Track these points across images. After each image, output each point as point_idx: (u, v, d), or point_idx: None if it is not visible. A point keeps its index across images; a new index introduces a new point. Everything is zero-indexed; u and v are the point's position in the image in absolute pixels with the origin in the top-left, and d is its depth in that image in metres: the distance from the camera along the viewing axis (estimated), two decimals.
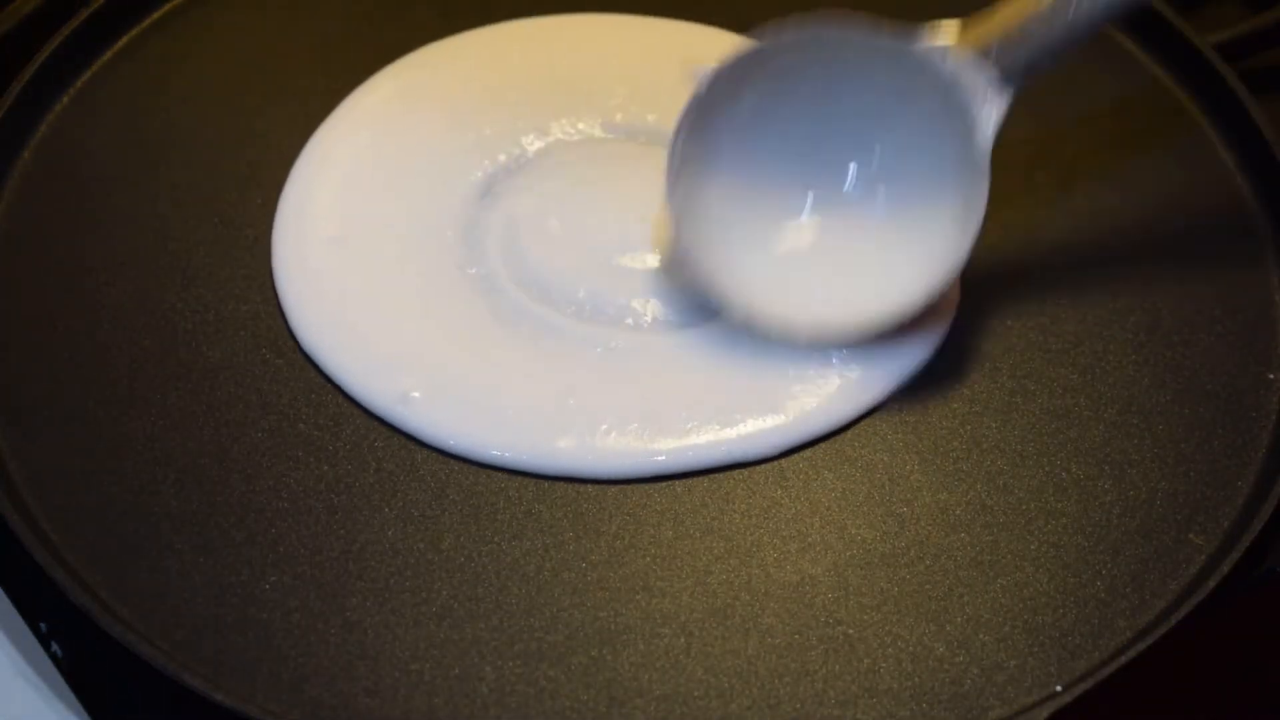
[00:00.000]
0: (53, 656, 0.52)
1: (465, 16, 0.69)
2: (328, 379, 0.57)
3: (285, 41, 0.68)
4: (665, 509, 0.54)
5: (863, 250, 0.58)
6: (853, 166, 0.58)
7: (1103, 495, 0.55)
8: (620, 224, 0.61)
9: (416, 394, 0.56)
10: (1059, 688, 0.50)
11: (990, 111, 0.55)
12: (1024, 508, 0.55)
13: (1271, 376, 0.58)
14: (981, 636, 0.51)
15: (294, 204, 0.62)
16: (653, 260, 0.60)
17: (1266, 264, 0.62)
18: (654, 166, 0.58)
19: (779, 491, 0.55)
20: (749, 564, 0.53)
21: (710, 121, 0.57)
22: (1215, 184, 0.65)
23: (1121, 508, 0.55)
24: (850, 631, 0.51)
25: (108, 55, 0.67)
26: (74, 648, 0.52)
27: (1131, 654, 0.50)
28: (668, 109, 0.58)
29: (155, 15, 0.68)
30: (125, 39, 0.67)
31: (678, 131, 0.57)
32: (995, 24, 0.55)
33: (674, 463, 0.55)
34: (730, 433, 0.55)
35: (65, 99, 0.65)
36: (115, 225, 0.61)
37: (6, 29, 0.67)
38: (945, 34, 0.56)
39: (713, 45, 0.59)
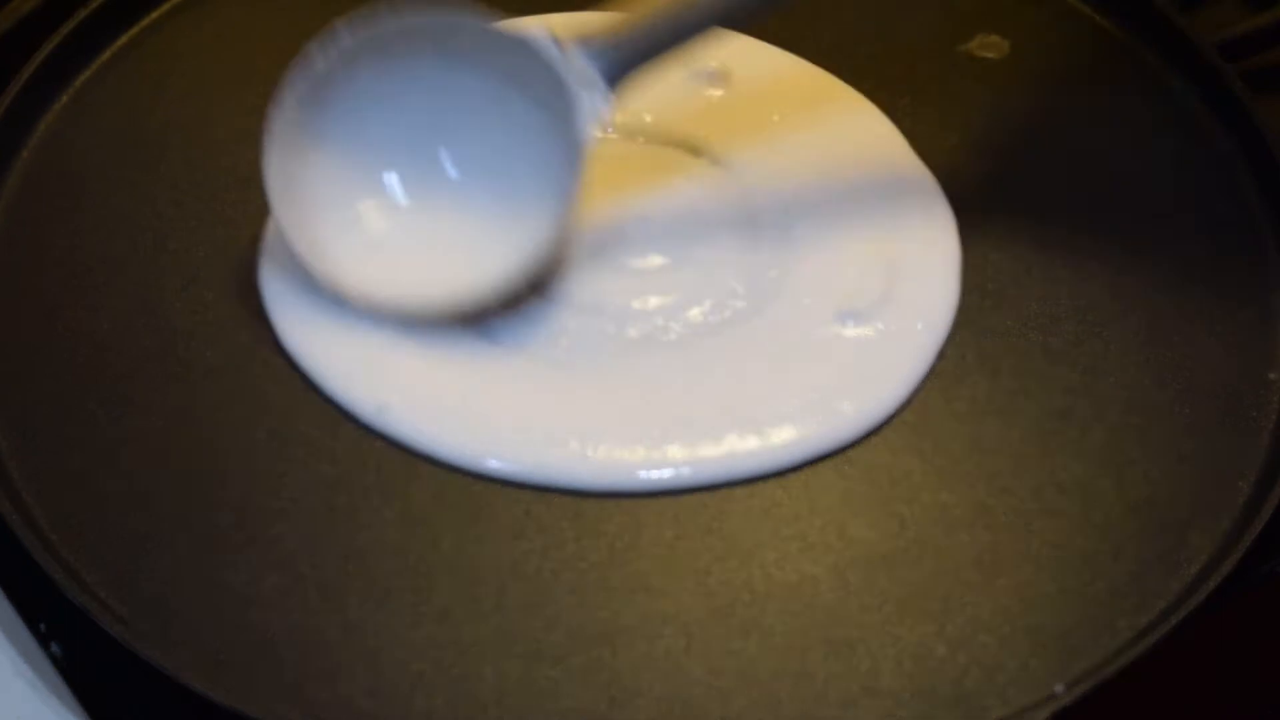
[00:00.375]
0: (52, 656, 0.52)
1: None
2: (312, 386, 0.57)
3: (285, 41, 0.67)
4: (665, 509, 0.54)
5: (455, 231, 0.58)
6: (451, 148, 0.59)
7: (1103, 495, 0.55)
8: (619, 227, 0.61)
9: (394, 402, 0.56)
10: (1059, 688, 0.50)
11: (593, 106, 0.56)
12: (1024, 508, 0.55)
13: (1271, 376, 0.58)
14: (981, 636, 0.51)
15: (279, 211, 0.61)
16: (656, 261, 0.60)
17: (1267, 264, 0.62)
18: (653, 167, 0.58)
19: (779, 491, 0.55)
20: (749, 564, 0.53)
21: (319, 94, 0.57)
22: (1215, 184, 0.65)
23: (1121, 508, 0.55)
24: (850, 632, 0.51)
25: (107, 55, 0.67)
26: (74, 648, 0.52)
27: (1131, 654, 0.50)
28: (665, 109, 0.58)
29: (155, 15, 0.68)
30: (125, 39, 0.67)
31: (281, 101, 0.57)
32: (607, 24, 0.57)
33: (670, 481, 0.55)
34: (724, 450, 0.55)
35: (65, 99, 0.65)
36: (115, 225, 0.61)
37: (6, 29, 0.67)
38: (561, 27, 0.57)
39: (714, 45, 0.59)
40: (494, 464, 0.55)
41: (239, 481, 0.54)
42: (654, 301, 0.59)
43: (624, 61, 0.57)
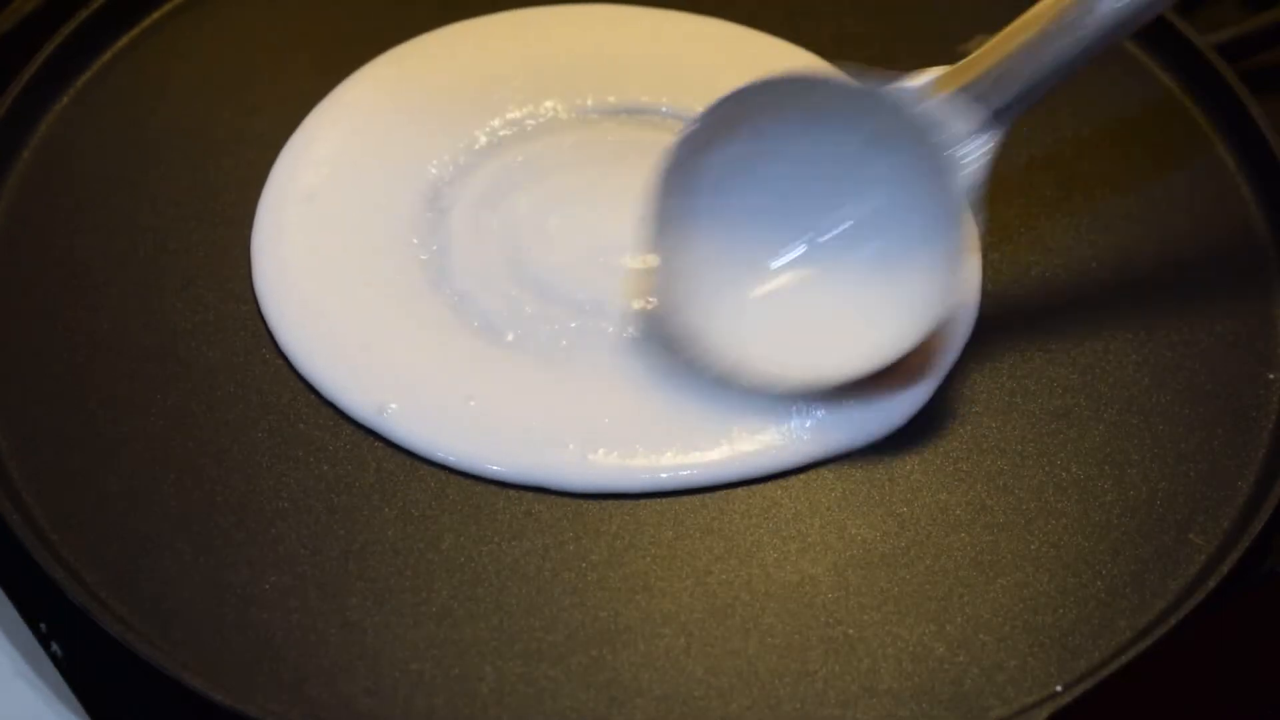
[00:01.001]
0: (53, 656, 0.52)
1: (465, 8, 0.69)
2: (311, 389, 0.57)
3: (285, 41, 0.68)
4: (665, 509, 0.54)
5: (843, 302, 0.57)
6: (832, 216, 0.57)
7: (1103, 495, 0.55)
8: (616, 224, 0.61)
9: (394, 406, 0.56)
10: (1059, 688, 0.50)
11: (972, 154, 0.54)
12: (1024, 508, 0.55)
13: (1271, 376, 0.58)
14: (981, 636, 0.51)
15: (268, 211, 0.61)
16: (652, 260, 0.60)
17: (1267, 264, 0.62)
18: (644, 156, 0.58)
19: (779, 492, 0.55)
20: (749, 564, 0.53)
21: (688, 176, 0.56)
22: (1215, 184, 0.65)
23: (1121, 508, 0.55)
24: (850, 631, 0.51)
25: (108, 55, 0.67)
26: (74, 648, 0.52)
27: (1131, 654, 0.50)
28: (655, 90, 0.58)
29: (155, 15, 0.68)
30: (125, 39, 0.67)
31: (656, 186, 0.56)
32: (976, 64, 0.54)
33: (669, 483, 0.55)
34: (724, 454, 0.55)
35: (66, 99, 0.65)
36: (115, 225, 0.61)
37: (6, 29, 0.67)
38: (925, 77, 0.55)
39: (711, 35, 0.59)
40: (493, 468, 0.55)
41: (239, 481, 0.54)
42: (654, 302, 0.59)
43: (1000, 107, 0.54)
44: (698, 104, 0.65)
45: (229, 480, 0.54)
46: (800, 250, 0.57)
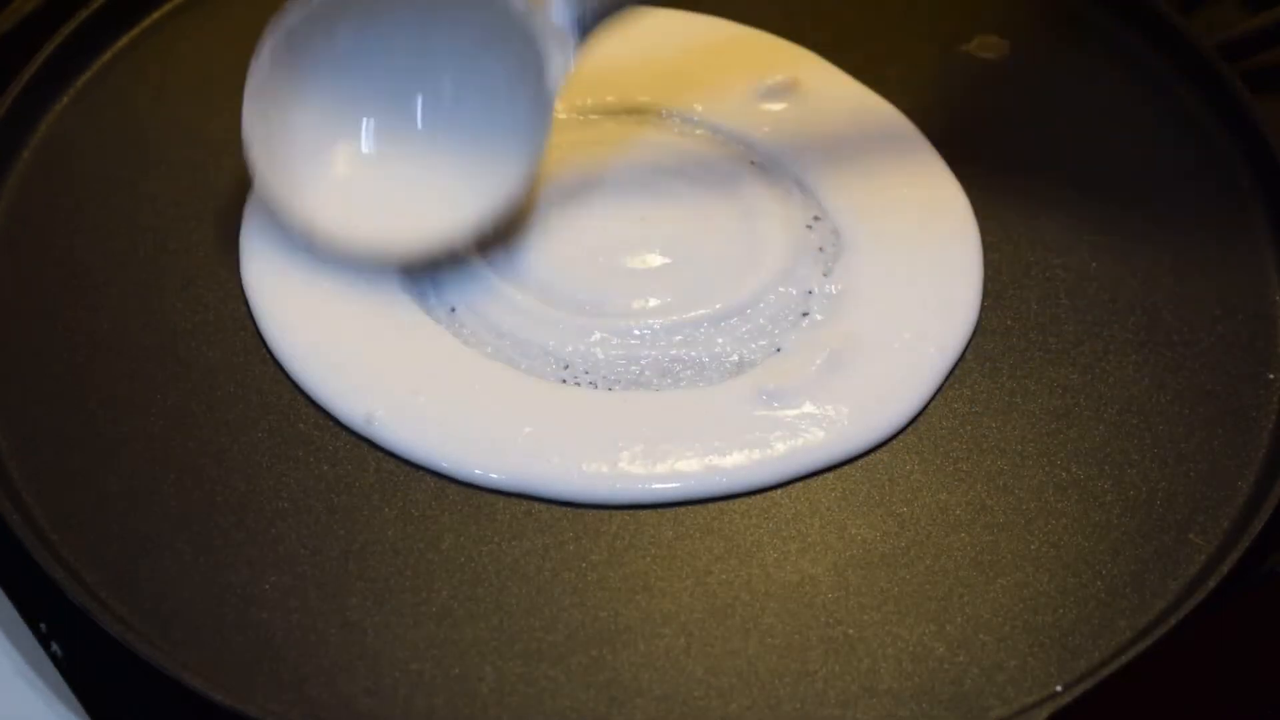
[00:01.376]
0: (53, 656, 0.52)
1: None
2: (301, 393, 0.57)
3: None
4: (665, 509, 0.54)
5: (426, 178, 0.60)
6: (423, 98, 0.60)
7: (1103, 495, 0.55)
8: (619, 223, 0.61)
9: (381, 414, 0.56)
10: (1059, 688, 0.50)
11: (560, 58, 0.58)
12: (1024, 508, 0.55)
13: (1271, 376, 0.58)
14: (981, 636, 0.51)
15: (258, 213, 0.61)
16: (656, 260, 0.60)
17: (1266, 264, 0.62)
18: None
19: (778, 492, 0.55)
20: (749, 564, 0.53)
21: (297, 47, 0.58)
22: (1215, 184, 0.65)
23: (1121, 508, 0.55)
24: (850, 631, 0.51)
25: (108, 56, 0.67)
26: (74, 648, 0.52)
27: (1131, 654, 0.50)
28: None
29: (155, 16, 0.68)
30: (126, 39, 0.67)
31: (259, 54, 0.58)
32: None
33: (658, 495, 0.55)
34: (713, 464, 0.55)
35: (66, 99, 0.65)
36: (115, 225, 0.61)
37: (6, 29, 0.67)
38: None
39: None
40: (483, 475, 0.54)
41: (239, 481, 0.54)
42: (654, 303, 0.59)
43: (591, 13, 0.58)
44: (698, 103, 0.66)
45: (229, 480, 0.54)
46: (391, 130, 0.61)
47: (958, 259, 0.61)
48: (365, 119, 0.60)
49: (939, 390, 0.57)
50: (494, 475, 0.54)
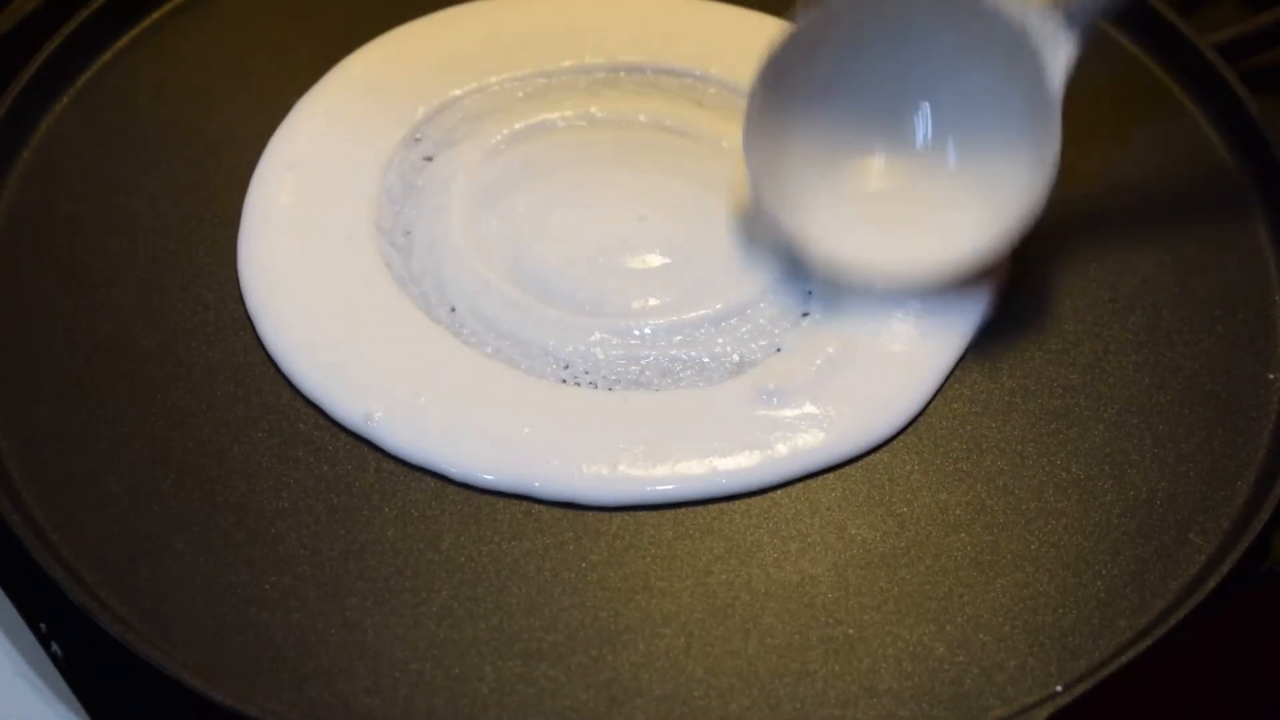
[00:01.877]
0: (53, 656, 0.52)
1: None
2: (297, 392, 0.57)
3: (285, 41, 0.68)
4: (665, 509, 0.54)
5: (936, 200, 0.59)
6: (923, 117, 0.60)
7: (1103, 495, 0.55)
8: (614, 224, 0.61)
9: (379, 414, 0.55)
10: (1059, 688, 0.50)
11: (1059, 57, 0.56)
12: (1024, 508, 0.55)
13: (1271, 376, 0.58)
14: (981, 636, 0.51)
15: (254, 212, 0.61)
16: (655, 260, 0.60)
17: (1266, 264, 0.62)
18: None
19: (779, 492, 0.55)
20: (749, 564, 0.53)
21: (785, 81, 0.58)
22: (1215, 184, 0.65)
23: (1121, 508, 0.55)
24: (850, 631, 0.51)
25: (108, 56, 0.67)
26: (74, 648, 0.52)
27: (1131, 654, 0.50)
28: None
29: (155, 16, 0.68)
30: (126, 39, 0.67)
31: (754, 92, 0.58)
32: None
33: (659, 496, 0.55)
34: (713, 468, 0.55)
35: (66, 99, 0.65)
36: (115, 225, 0.61)
37: (6, 29, 0.67)
38: None
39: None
40: (482, 476, 0.54)
41: (239, 481, 0.54)
42: (654, 302, 0.59)
43: (1083, 12, 0.56)
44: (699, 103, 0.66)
45: (229, 480, 0.54)
46: (892, 152, 0.60)
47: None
48: (861, 144, 0.60)
49: (939, 390, 0.57)
50: (490, 477, 0.54)
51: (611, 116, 0.65)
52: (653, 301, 0.59)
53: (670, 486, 0.54)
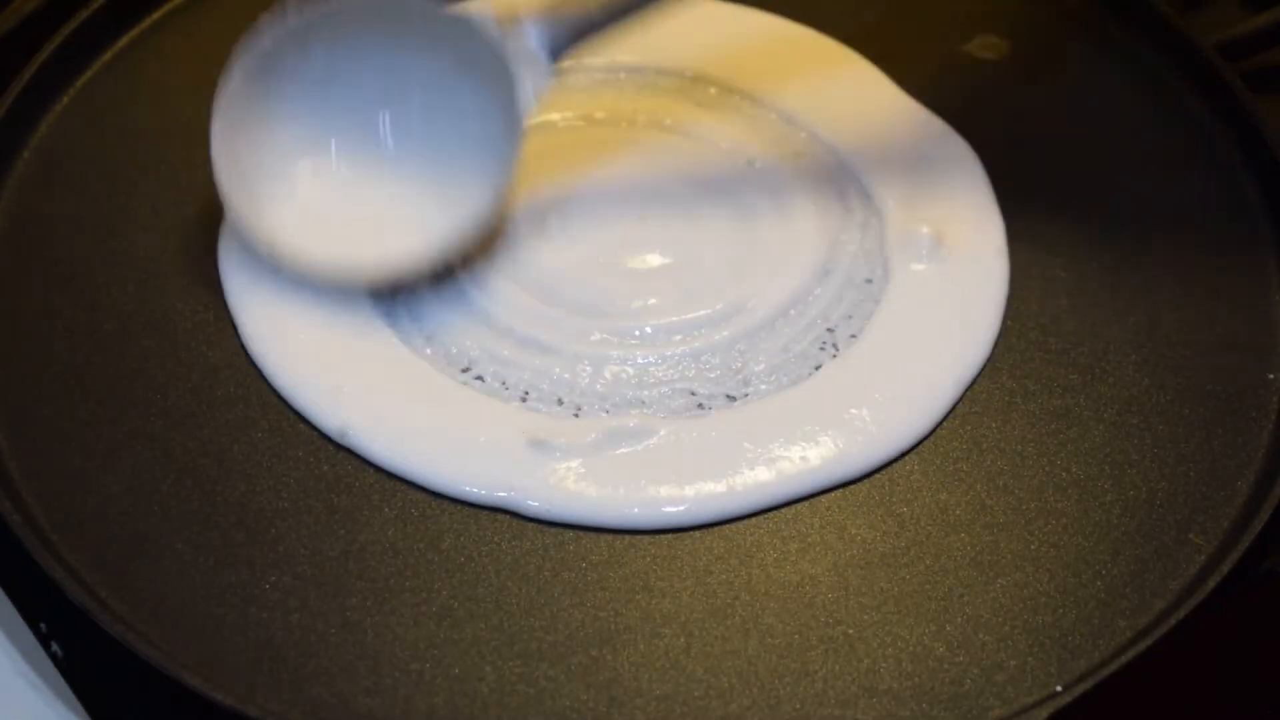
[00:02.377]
0: (53, 656, 0.52)
1: None
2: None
3: None
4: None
5: (394, 200, 0.59)
6: (394, 122, 0.60)
7: (1103, 495, 0.55)
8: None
9: (354, 426, 0.55)
10: (1059, 688, 0.50)
11: (532, 81, 0.57)
12: (1024, 508, 0.55)
13: (1271, 376, 0.58)
14: (981, 636, 0.51)
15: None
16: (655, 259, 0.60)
17: (1266, 264, 0.62)
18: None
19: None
20: (749, 564, 0.53)
21: (267, 69, 0.58)
22: (1215, 184, 0.65)
23: (1121, 508, 0.55)
24: (850, 631, 0.51)
25: (109, 56, 0.67)
26: (74, 648, 0.52)
27: (1131, 654, 0.50)
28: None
29: (155, 15, 0.68)
30: (126, 40, 0.67)
31: (229, 74, 0.58)
32: (538, 5, 0.58)
33: (640, 521, 0.54)
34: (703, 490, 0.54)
35: (66, 99, 0.65)
36: (115, 225, 0.61)
37: (6, 29, 0.67)
38: (498, 5, 0.58)
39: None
40: (468, 489, 0.54)
41: (239, 481, 0.54)
42: (653, 302, 0.59)
43: (564, 37, 0.58)
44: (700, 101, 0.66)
45: (229, 480, 0.54)
46: (360, 152, 0.60)
47: (981, 284, 0.60)
48: (333, 139, 0.60)
49: (951, 411, 0.57)
50: (479, 490, 0.54)
51: (611, 116, 0.65)
52: (652, 301, 0.59)
53: (668, 511, 0.54)
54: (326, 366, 0.57)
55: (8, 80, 0.63)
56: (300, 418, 0.56)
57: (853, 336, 0.58)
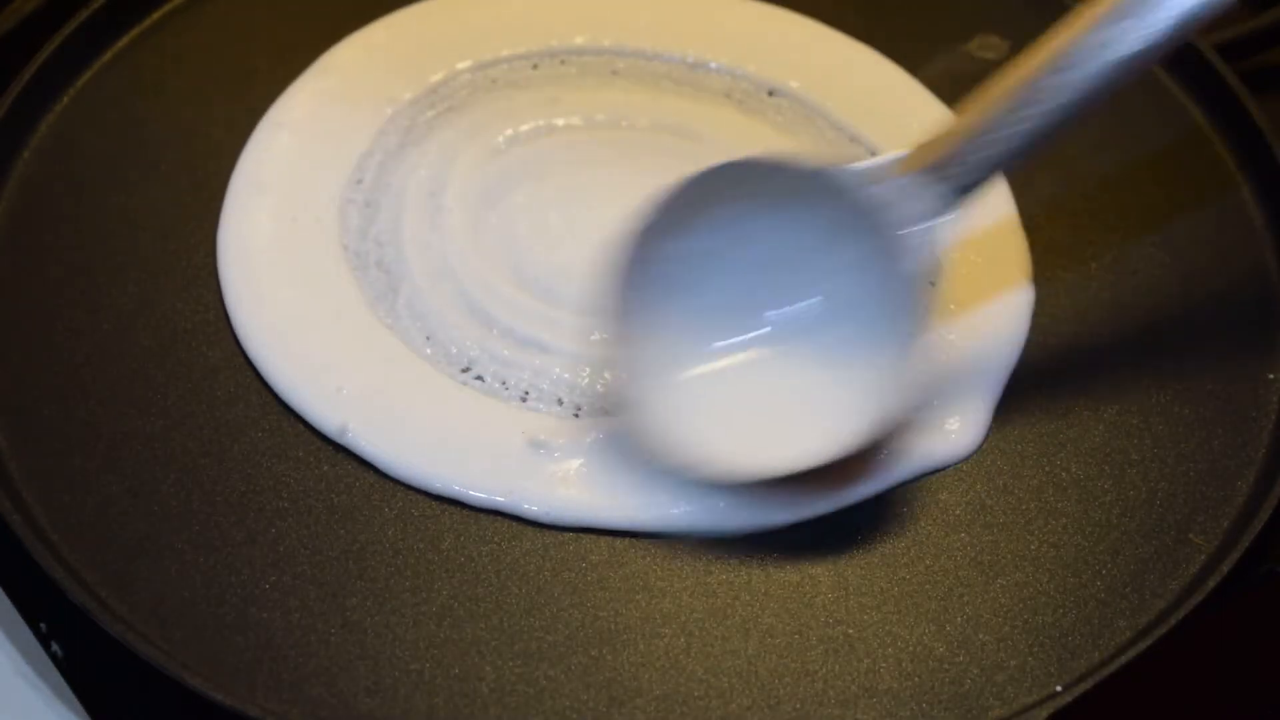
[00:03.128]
0: (53, 656, 0.52)
1: None
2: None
3: (285, 41, 0.68)
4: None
5: (796, 390, 0.54)
6: (789, 301, 0.55)
7: (1103, 495, 0.55)
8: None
9: (353, 426, 0.55)
10: (1059, 688, 0.50)
11: (931, 232, 0.52)
12: (1024, 508, 0.55)
13: (1271, 376, 0.58)
14: (981, 636, 0.51)
15: (231, 215, 0.61)
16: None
17: (1266, 264, 0.62)
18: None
19: None
20: (749, 564, 0.53)
21: (648, 257, 0.54)
22: (1215, 184, 0.65)
23: (1121, 508, 0.55)
24: (850, 631, 0.51)
25: (108, 55, 0.67)
26: (74, 648, 0.52)
27: (1131, 654, 0.50)
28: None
29: (155, 15, 0.68)
30: (126, 40, 0.67)
31: (612, 276, 0.54)
32: (938, 145, 0.52)
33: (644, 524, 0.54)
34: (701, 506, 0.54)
35: (66, 100, 0.65)
36: (115, 225, 0.61)
37: (6, 29, 0.67)
38: (888, 156, 0.53)
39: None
40: (467, 491, 0.54)
41: (239, 481, 0.54)
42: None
43: (959, 183, 0.52)
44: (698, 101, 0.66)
45: (229, 480, 0.54)
46: (756, 335, 0.55)
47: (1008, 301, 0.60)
48: (716, 326, 0.54)
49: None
50: (478, 494, 0.54)
51: (611, 117, 0.65)
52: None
53: (664, 517, 0.54)
54: (326, 367, 0.57)
55: (8, 80, 0.63)
56: (300, 418, 0.56)
57: None
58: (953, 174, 0.51)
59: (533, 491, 0.54)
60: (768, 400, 0.54)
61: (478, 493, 0.54)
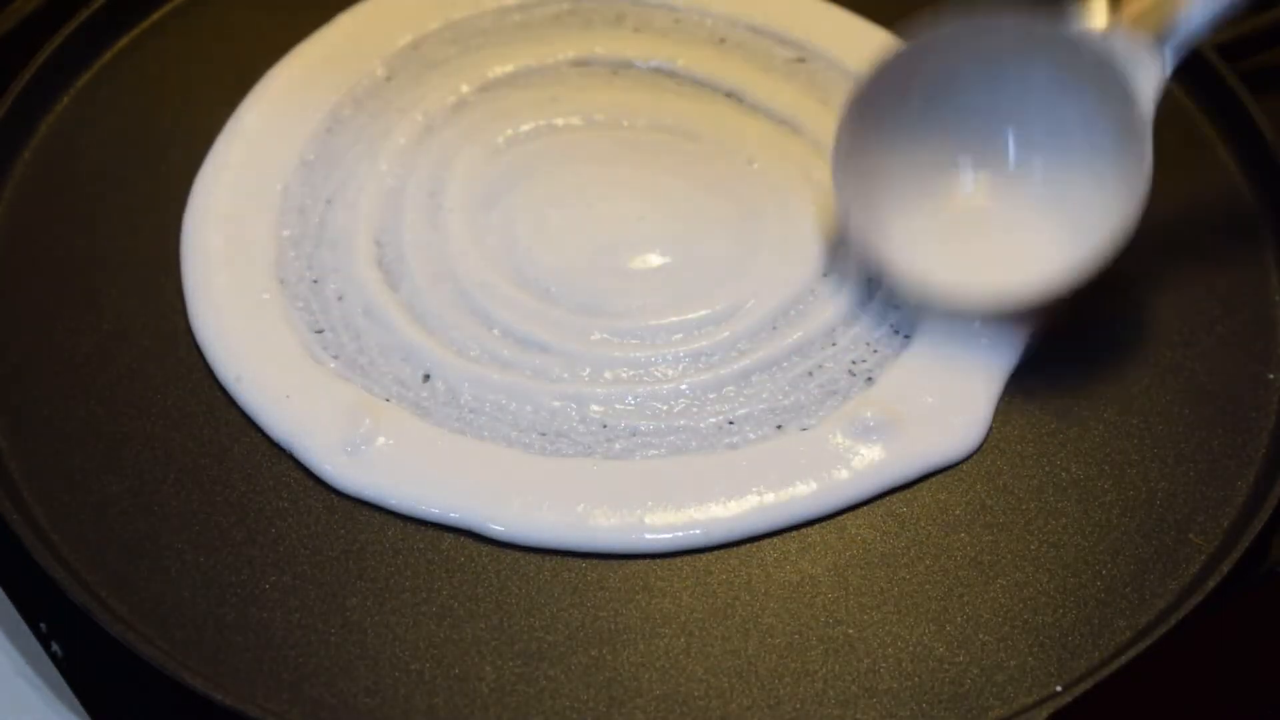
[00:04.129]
0: (53, 656, 0.52)
1: None
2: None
3: (285, 41, 0.68)
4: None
5: (1024, 224, 0.59)
6: (1012, 142, 0.60)
7: (1103, 495, 0.55)
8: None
9: (349, 450, 0.55)
10: (1059, 688, 0.50)
11: (1148, 82, 0.56)
12: (1024, 508, 0.55)
13: (1271, 376, 0.58)
14: (981, 636, 0.51)
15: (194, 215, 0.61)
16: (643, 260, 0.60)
17: (1266, 264, 0.62)
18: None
19: None
20: (749, 564, 0.53)
21: (875, 110, 0.58)
22: (1215, 184, 0.65)
23: (1121, 508, 0.55)
24: (850, 631, 0.51)
25: (109, 56, 0.67)
26: (74, 648, 0.52)
27: (1131, 654, 0.50)
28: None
29: (155, 17, 0.68)
30: (126, 40, 0.67)
31: (841, 127, 0.58)
32: (1151, 4, 0.57)
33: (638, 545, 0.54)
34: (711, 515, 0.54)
35: (66, 100, 0.65)
36: (115, 225, 0.61)
37: (6, 29, 0.67)
38: (1098, 13, 0.57)
39: None
40: (452, 516, 0.54)
41: (239, 481, 0.54)
42: (654, 302, 0.59)
43: (1178, 38, 0.57)
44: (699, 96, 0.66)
45: (229, 480, 0.54)
46: (981, 176, 0.60)
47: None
48: (952, 167, 0.60)
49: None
50: (498, 527, 0.53)
51: (611, 117, 0.65)
52: (653, 301, 0.59)
53: (672, 536, 0.54)
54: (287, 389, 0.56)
55: (8, 80, 0.63)
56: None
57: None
58: (1162, 31, 0.56)
59: (528, 501, 0.53)
60: (1002, 237, 0.59)
61: (471, 513, 0.53)
